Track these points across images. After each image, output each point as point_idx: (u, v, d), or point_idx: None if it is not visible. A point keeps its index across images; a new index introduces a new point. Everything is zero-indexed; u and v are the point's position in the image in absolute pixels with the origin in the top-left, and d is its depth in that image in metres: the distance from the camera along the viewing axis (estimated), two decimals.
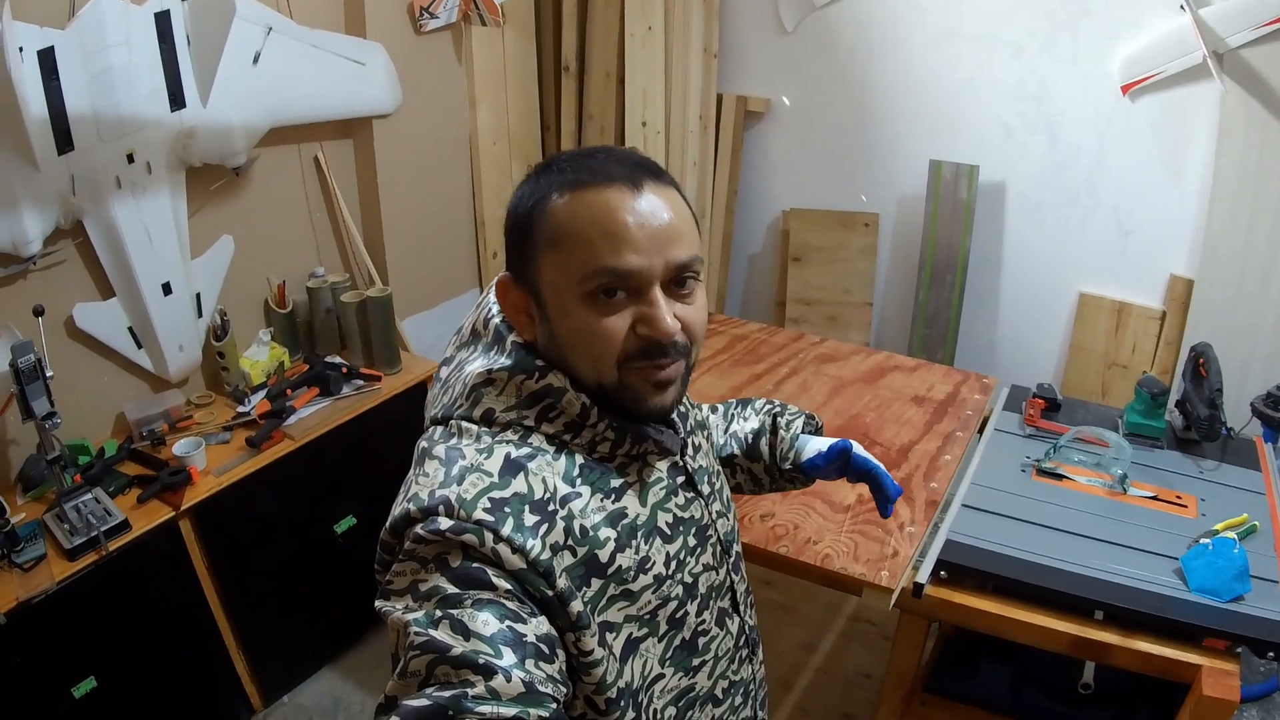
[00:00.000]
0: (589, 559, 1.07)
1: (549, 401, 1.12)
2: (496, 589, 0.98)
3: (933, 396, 2.96)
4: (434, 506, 1.01)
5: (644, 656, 1.16)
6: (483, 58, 3.85)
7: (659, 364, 1.11)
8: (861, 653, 3.40)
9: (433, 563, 1.00)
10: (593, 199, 1.07)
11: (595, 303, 1.08)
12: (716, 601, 1.28)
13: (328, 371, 3.20)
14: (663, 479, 1.22)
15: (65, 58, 2.47)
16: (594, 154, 1.14)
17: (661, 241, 1.08)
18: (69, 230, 2.67)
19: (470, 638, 0.92)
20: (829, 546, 2.22)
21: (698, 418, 1.41)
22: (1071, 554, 2.18)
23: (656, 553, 1.16)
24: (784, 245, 4.31)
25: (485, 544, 0.99)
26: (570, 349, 1.11)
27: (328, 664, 3.38)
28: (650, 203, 1.08)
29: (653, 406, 1.14)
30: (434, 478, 1.06)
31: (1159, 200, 3.51)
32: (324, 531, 3.20)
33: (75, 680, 2.50)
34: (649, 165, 1.13)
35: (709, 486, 1.32)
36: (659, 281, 1.09)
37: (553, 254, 1.09)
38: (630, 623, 1.13)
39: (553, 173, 1.12)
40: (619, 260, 1.06)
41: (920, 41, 3.76)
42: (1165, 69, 3.27)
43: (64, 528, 2.46)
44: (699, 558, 1.24)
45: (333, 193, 3.48)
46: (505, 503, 1.03)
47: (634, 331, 1.09)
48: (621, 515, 1.13)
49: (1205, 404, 2.56)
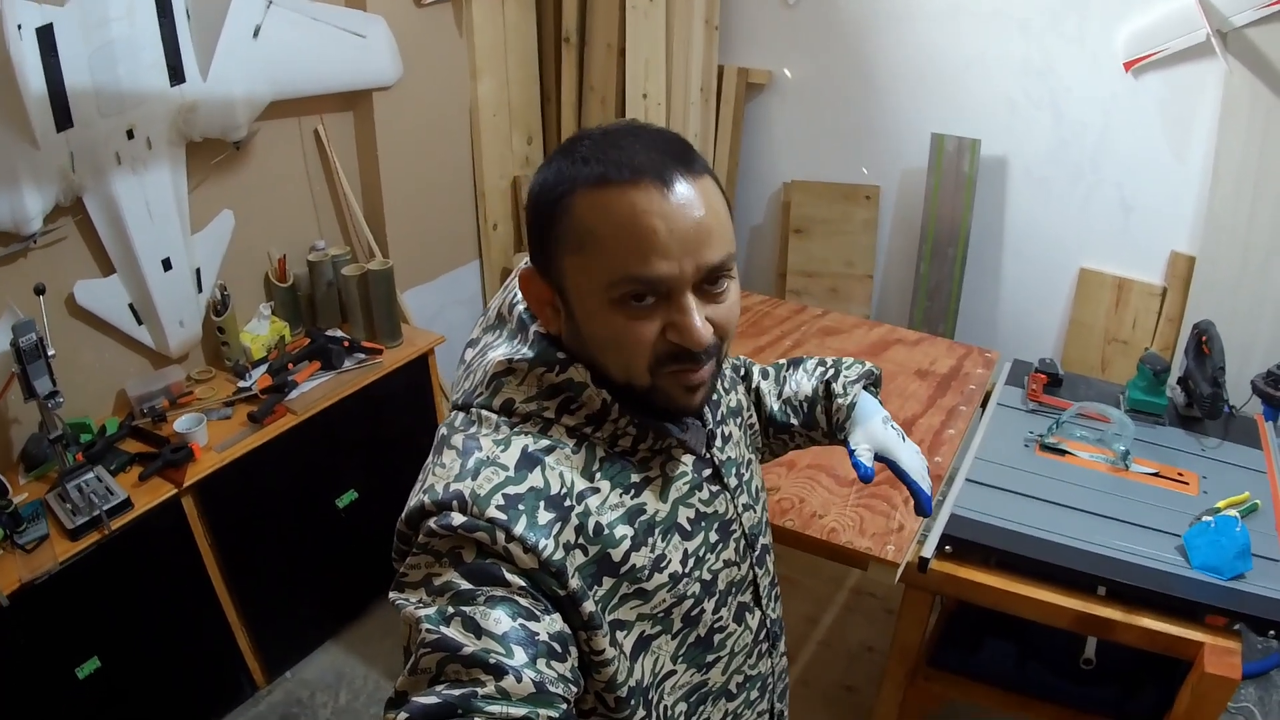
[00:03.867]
0: (601, 558, 1.06)
1: (569, 395, 1.10)
2: (510, 585, 0.97)
3: (936, 370, 2.96)
4: (448, 501, 1.00)
5: (655, 654, 1.15)
6: (483, 29, 3.83)
7: (690, 369, 1.07)
8: (864, 626, 3.41)
9: (447, 557, 0.99)
10: (618, 200, 1.00)
11: (623, 308, 1.02)
12: (736, 597, 1.27)
13: (329, 345, 3.20)
14: (687, 473, 1.19)
15: (64, 34, 2.45)
16: (620, 139, 1.05)
17: (693, 244, 1.01)
18: (69, 207, 2.66)
19: (482, 636, 0.91)
20: (835, 520, 2.23)
21: (731, 404, 1.36)
22: (1075, 530, 2.19)
23: (674, 550, 1.14)
24: (785, 217, 4.29)
25: (497, 542, 0.98)
26: (599, 350, 1.07)
27: (330, 639, 3.39)
28: (681, 200, 1.00)
29: (683, 407, 1.11)
30: (450, 469, 1.04)
31: (1162, 177, 3.50)
32: (326, 506, 3.20)
33: (79, 661, 2.50)
34: (679, 151, 1.05)
35: (736, 479, 1.29)
36: (690, 285, 1.03)
37: (577, 256, 1.03)
38: (643, 621, 1.12)
39: (577, 161, 1.03)
40: (647, 269, 1.00)
41: (925, 15, 3.73)
42: (1169, 46, 3.25)
43: (66, 507, 2.46)
44: (720, 554, 1.22)
45: (333, 166, 3.46)
46: (520, 499, 1.01)
47: (664, 336, 1.05)
48: (640, 511, 1.11)
49: (1208, 382, 2.56)
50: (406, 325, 3.54)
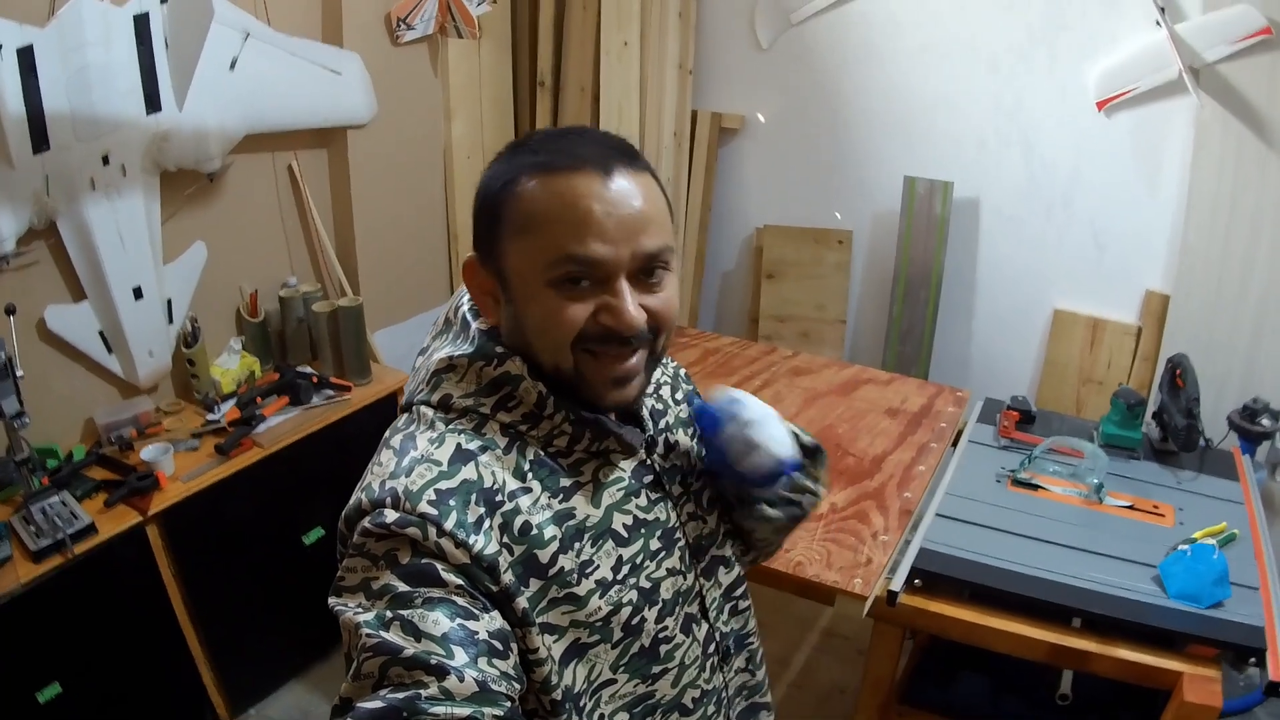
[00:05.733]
0: (528, 558, 1.06)
1: (508, 390, 1.11)
2: (447, 585, 0.97)
3: (906, 409, 2.97)
4: (382, 499, 1.02)
5: (592, 662, 1.13)
6: (458, 70, 3.84)
7: (618, 354, 1.09)
8: (835, 666, 3.39)
9: (383, 559, 0.99)
10: (561, 184, 1.05)
11: (558, 289, 1.06)
12: (683, 608, 1.25)
13: (298, 380, 3.18)
14: (623, 479, 1.19)
15: (44, 56, 2.45)
16: (567, 134, 1.13)
17: (630, 230, 1.06)
18: (43, 231, 2.65)
19: (422, 638, 0.92)
20: (801, 554, 2.22)
21: (682, 414, 1.36)
22: (1048, 562, 2.19)
23: (604, 556, 1.13)
24: (757, 262, 4.30)
25: (429, 538, 0.98)
26: (531, 333, 1.09)
27: (296, 676, 3.34)
28: (621, 189, 1.06)
29: (612, 401, 1.13)
30: (386, 467, 1.07)
31: (1135, 215, 3.52)
32: (293, 542, 3.16)
33: (39, 685, 2.46)
34: (623, 148, 1.11)
35: (680, 487, 1.29)
36: (625, 271, 1.07)
37: (519, 239, 1.07)
38: (578, 628, 1.11)
39: (524, 153, 1.10)
40: (584, 248, 1.04)
41: (895, 57, 3.77)
42: (1141, 84, 3.29)
43: (30, 529, 2.43)
44: (661, 562, 1.21)
45: (306, 202, 3.46)
46: (451, 494, 1.02)
47: (595, 319, 1.07)
48: (569, 515, 1.11)
49: (1183, 414, 2.57)
50: (376, 364, 3.52)
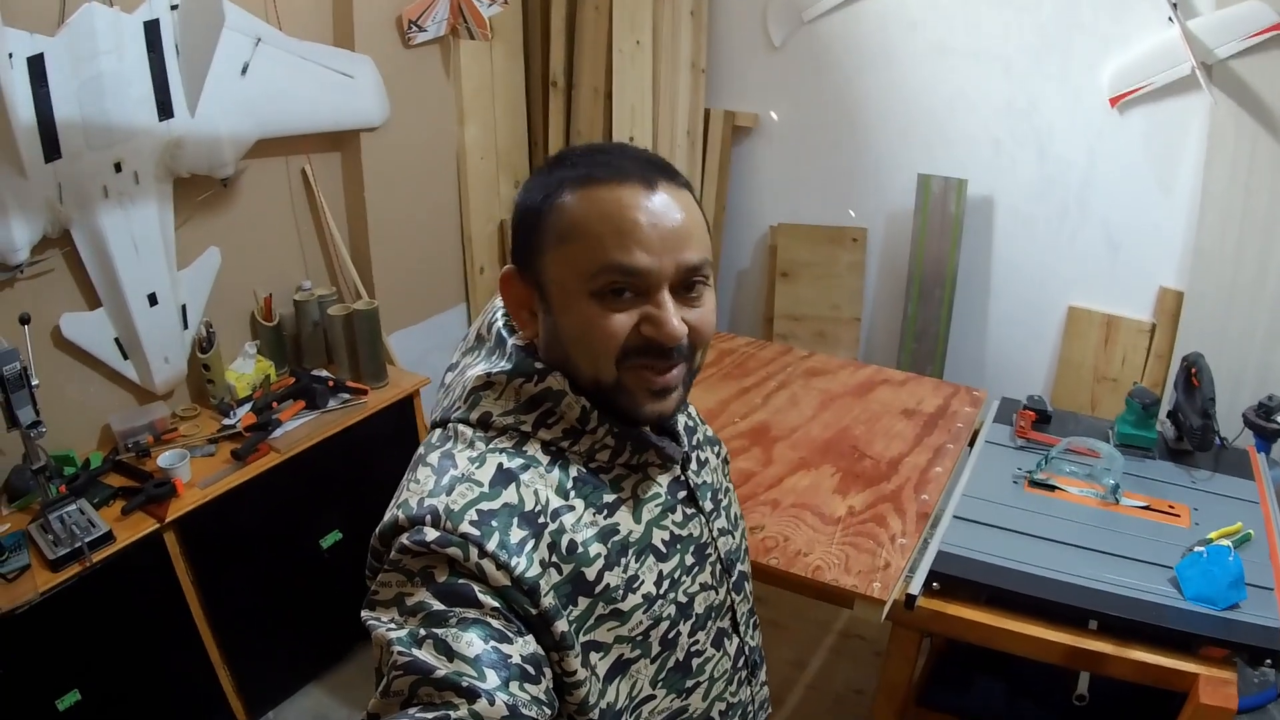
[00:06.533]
0: (576, 576, 1.05)
1: (548, 406, 1.10)
2: (483, 606, 0.96)
3: (922, 410, 2.95)
4: (421, 516, 1.00)
5: (634, 678, 1.14)
6: (470, 72, 3.85)
7: (659, 367, 1.09)
8: (852, 669, 3.38)
9: (419, 576, 0.98)
10: (605, 195, 1.05)
11: (600, 299, 1.05)
12: (715, 622, 1.26)
13: (314, 385, 3.18)
14: (660, 494, 1.19)
15: (54, 65, 2.46)
16: (607, 150, 1.13)
17: (673, 243, 1.05)
18: (56, 239, 2.66)
19: (454, 659, 0.91)
20: (820, 558, 2.20)
21: (708, 433, 1.39)
22: (1064, 564, 2.17)
23: (647, 571, 1.14)
24: (772, 261, 4.30)
25: (470, 558, 0.97)
26: (572, 344, 1.09)
27: (313, 681, 3.35)
28: (663, 202, 1.06)
29: (651, 413, 1.12)
30: (424, 485, 1.05)
31: (1148, 213, 3.51)
32: (309, 546, 3.17)
33: (59, 693, 2.47)
34: (662, 165, 1.11)
35: (713, 503, 1.30)
36: (668, 283, 1.06)
37: (561, 249, 1.07)
38: (622, 644, 1.11)
39: (565, 167, 1.10)
40: (629, 258, 1.03)
41: (909, 57, 3.77)
42: (1154, 81, 3.28)
43: (48, 538, 2.44)
44: (696, 577, 1.22)
45: (320, 206, 3.47)
46: (493, 515, 1.01)
47: (638, 330, 1.06)
48: (613, 531, 1.11)
49: (1198, 413, 2.55)
50: (392, 367, 3.52)
